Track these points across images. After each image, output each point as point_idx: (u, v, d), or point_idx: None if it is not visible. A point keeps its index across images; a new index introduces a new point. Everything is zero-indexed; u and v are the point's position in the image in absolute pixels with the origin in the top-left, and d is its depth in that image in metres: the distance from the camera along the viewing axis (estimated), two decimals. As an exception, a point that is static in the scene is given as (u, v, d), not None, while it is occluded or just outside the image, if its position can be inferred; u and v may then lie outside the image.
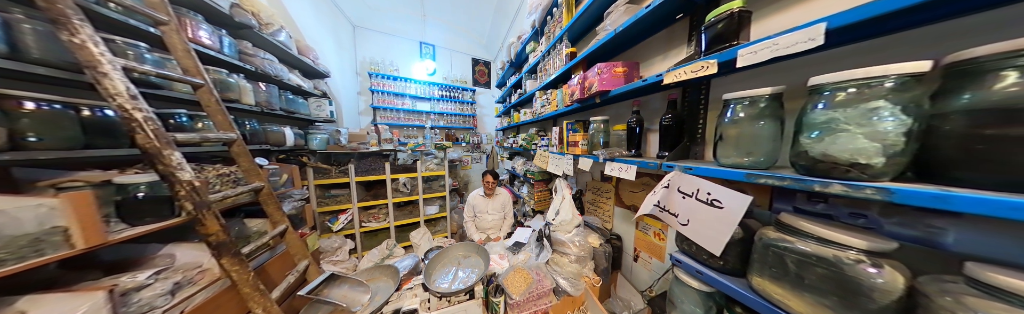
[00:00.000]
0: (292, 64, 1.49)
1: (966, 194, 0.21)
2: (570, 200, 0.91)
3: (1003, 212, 0.19)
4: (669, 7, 0.57)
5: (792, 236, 0.33)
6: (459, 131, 3.28)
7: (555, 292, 0.71)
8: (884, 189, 0.25)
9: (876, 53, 0.35)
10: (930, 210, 0.28)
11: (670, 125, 0.59)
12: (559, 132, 1.10)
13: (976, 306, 0.21)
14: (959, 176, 0.23)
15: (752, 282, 0.38)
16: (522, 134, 1.96)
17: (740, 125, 0.40)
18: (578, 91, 0.85)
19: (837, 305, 0.29)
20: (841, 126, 0.28)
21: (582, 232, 0.82)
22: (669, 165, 0.50)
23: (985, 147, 0.22)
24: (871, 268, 0.27)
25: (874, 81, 0.27)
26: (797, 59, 0.32)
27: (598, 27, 0.85)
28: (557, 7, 1.19)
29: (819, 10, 0.41)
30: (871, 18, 0.26)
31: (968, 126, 0.23)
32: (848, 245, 0.29)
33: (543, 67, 1.37)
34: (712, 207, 0.41)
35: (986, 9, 0.27)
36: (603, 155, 0.70)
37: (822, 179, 0.29)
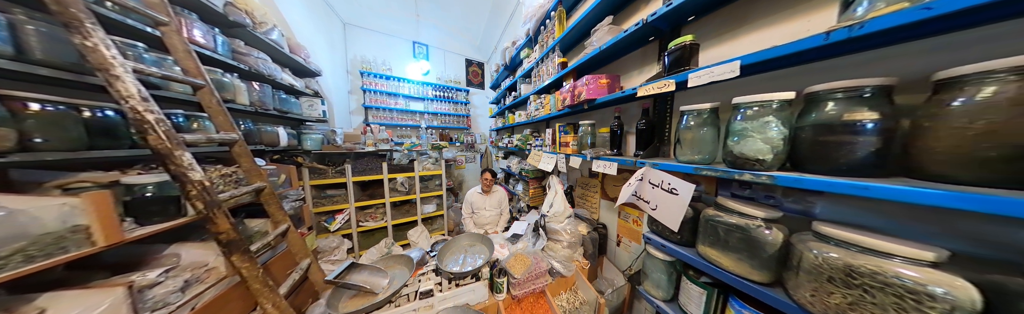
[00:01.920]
0: (284, 63, 1.48)
1: (812, 178, 0.34)
2: (562, 194, 1.03)
3: (830, 188, 0.32)
4: (643, 32, 0.70)
5: (723, 213, 0.47)
6: (453, 131, 3.31)
7: (550, 273, 0.82)
8: (771, 176, 0.37)
9: (777, 80, 0.50)
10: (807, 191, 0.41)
11: (644, 129, 0.73)
12: (552, 134, 1.22)
13: (814, 247, 0.34)
14: (810, 167, 0.37)
15: (698, 249, 0.51)
16: (517, 135, 2.06)
17: (692, 130, 0.52)
18: (569, 98, 0.96)
19: (746, 257, 0.42)
20: (749, 133, 0.41)
21: (573, 222, 0.93)
22: (642, 162, 0.63)
23: (820, 148, 0.35)
24: (766, 230, 0.41)
25: (766, 103, 0.40)
26: (729, 82, 0.45)
27: (586, 41, 0.97)
28: (549, 19, 1.31)
29: (745, 47, 0.56)
30: (763, 60, 0.39)
31: (813, 135, 0.36)
32: (753, 216, 0.42)
33: (537, 73, 1.48)
34: (671, 194, 0.54)
35: (834, 57, 0.42)
36: (590, 154, 0.82)
37: (739, 170, 0.42)
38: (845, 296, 0.31)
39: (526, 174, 1.67)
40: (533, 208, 1.43)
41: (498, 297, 0.74)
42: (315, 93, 1.77)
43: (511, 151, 2.35)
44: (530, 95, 1.53)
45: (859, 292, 0.30)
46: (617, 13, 0.91)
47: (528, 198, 1.66)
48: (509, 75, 2.24)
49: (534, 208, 1.47)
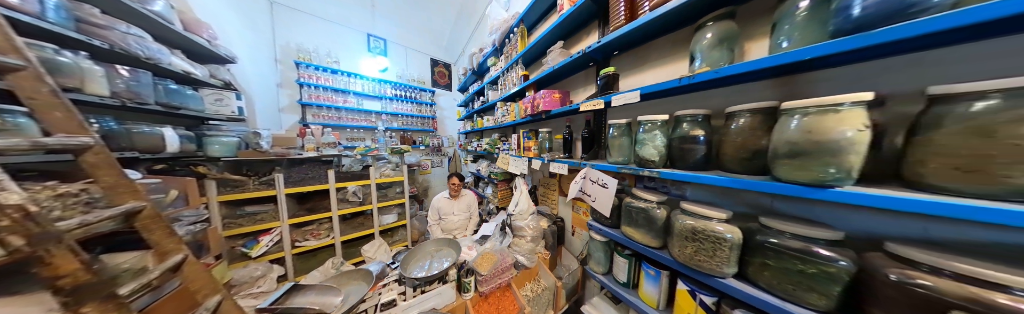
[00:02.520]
0: (174, 43, 1.12)
1: (678, 172, 0.51)
2: (527, 194, 1.13)
3: (684, 178, 0.49)
4: (583, 59, 0.87)
5: (634, 199, 0.63)
6: (417, 133, 3.11)
7: (516, 266, 0.89)
8: (658, 172, 0.55)
9: (665, 105, 0.71)
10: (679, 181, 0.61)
11: (587, 136, 0.90)
12: (517, 138, 1.33)
13: (681, 218, 0.52)
14: (678, 165, 0.56)
15: (622, 229, 0.67)
16: (486, 138, 2.11)
17: (616, 139, 0.69)
18: (530, 107, 1.09)
19: (648, 230, 0.59)
20: (646, 142, 0.58)
21: (535, 218, 1.04)
22: (584, 163, 0.78)
23: (681, 152, 0.54)
24: (657, 210, 0.58)
25: (654, 121, 0.58)
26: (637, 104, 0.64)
27: (543, 59, 1.13)
28: (513, 34, 1.44)
29: (647, 79, 0.77)
30: (653, 91, 0.57)
31: (678, 144, 0.55)
32: (650, 200, 0.59)
33: (503, 81, 1.59)
34: (603, 188, 0.69)
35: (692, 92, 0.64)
36: (547, 157, 0.95)
37: (642, 168, 0.59)
38: (693, 247, 0.48)
39: (495, 177, 1.73)
40: (502, 209, 1.49)
41: (466, 296, 0.76)
42: (226, 84, 1.41)
43: (480, 155, 2.37)
44: (497, 102, 1.62)
45: (698, 243, 0.47)
46: (567, 39, 1.10)
47: (497, 200, 1.71)
48: (477, 80, 2.30)
49: (503, 209, 1.53)
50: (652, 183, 0.74)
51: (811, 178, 0.34)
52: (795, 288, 0.38)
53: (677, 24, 0.64)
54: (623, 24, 0.67)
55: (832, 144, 0.32)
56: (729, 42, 0.50)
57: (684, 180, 0.50)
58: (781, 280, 0.39)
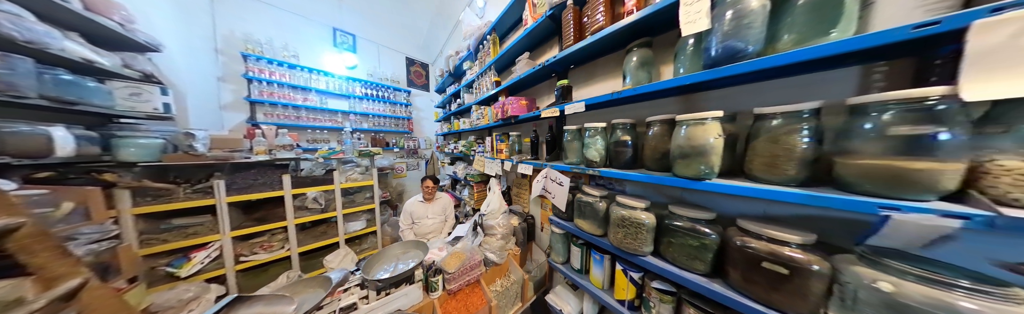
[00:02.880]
0: (69, 24, 0.93)
1: (613, 171, 0.62)
2: (499, 194, 1.18)
3: (615, 175, 0.60)
4: (545, 71, 0.97)
5: (583, 195, 0.73)
6: (391, 135, 2.96)
7: (485, 263, 0.93)
8: (599, 171, 0.65)
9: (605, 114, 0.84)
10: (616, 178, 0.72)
11: (549, 140, 0.99)
12: (491, 141, 1.38)
13: (616, 209, 0.62)
14: (615, 165, 0.67)
15: (575, 222, 0.76)
16: (462, 141, 2.12)
17: (570, 142, 0.79)
18: (500, 112, 1.16)
19: (593, 221, 0.69)
20: (590, 145, 0.68)
21: (507, 216, 1.10)
22: (545, 164, 0.86)
23: (616, 155, 0.65)
24: (600, 203, 0.68)
25: (596, 128, 0.68)
26: (585, 112, 0.74)
27: (513, 67, 1.21)
28: (486, 40, 1.51)
29: (593, 92, 0.90)
30: (595, 102, 0.67)
31: (614, 147, 0.66)
32: (594, 195, 0.70)
33: (478, 85, 1.64)
34: (560, 185, 0.78)
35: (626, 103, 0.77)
36: (516, 159, 1.02)
37: (588, 168, 0.68)
38: (623, 232, 0.58)
39: (471, 179, 1.75)
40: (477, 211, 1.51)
41: (433, 296, 0.77)
42: (147, 76, 1.20)
43: (457, 157, 2.37)
44: (473, 105, 1.66)
45: (626, 229, 0.58)
46: (533, 50, 1.20)
47: (473, 202, 1.73)
48: (454, 82, 2.30)
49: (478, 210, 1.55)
50: (600, 180, 0.85)
51: (693, 173, 0.46)
52: (687, 258, 0.50)
53: (613, 48, 0.76)
54: (573, 43, 0.77)
55: (702, 148, 0.44)
56: (648, 66, 0.63)
57: (619, 177, 0.61)
58: (679, 253, 0.51)
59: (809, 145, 0.37)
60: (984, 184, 0.26)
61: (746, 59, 0.40)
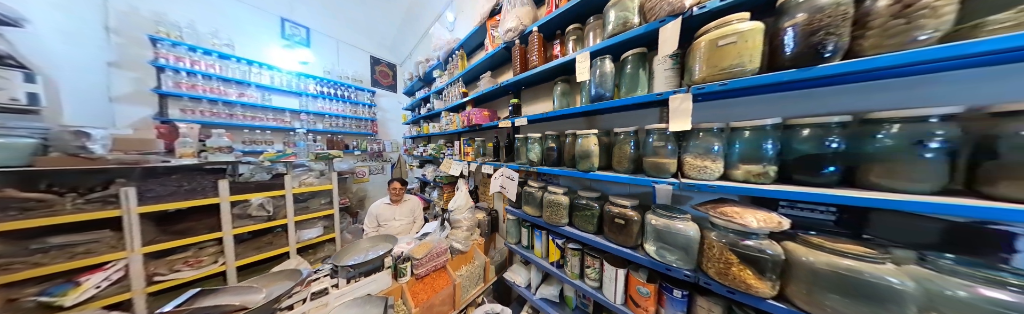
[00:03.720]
0: None
1: (545, 168, 0.87)
2: (466, 192, 1.34)
3: (546, 171, 0.85)
4: (502, 90, 1.21)
5: (528, 188, 0.96)
6: (351, 137, 2.80)
7: (451, 251, 1.07)
8: (537, 169, 0.89)
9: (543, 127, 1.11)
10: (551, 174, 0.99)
11: (508, 145, 1.22)
12: (459, 145, 1.54)
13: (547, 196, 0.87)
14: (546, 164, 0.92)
15: (523, 209, 0.99)
16: (432, 144, 2.20)
17: (520, 147, 1.02)
18: (467, 120, 1.34)
19: (534, 206, 0.92)
20: (531, 149, 0.93)
21: (472, 211, 1.26)
22: (502, 164, 1.08)
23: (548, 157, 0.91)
24: (538, 193, 0.92)
25: (534, 137, 0.93)
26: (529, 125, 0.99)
27: (478, 82, 1.41)
28: (454, 54, 1.68)
29: (536, 109, 1.17)
30: (535, 118, 0.92)
31: (547, 151, 0.91)
32: (535, 186, 0.94)
33: (447, 94, 1.79)
34: (512, 180, 1.00)
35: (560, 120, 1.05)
36: (481, 160, 1.21)
37: (531, 166, 0.92)
38: (550, 211, 0.83)
39: (441, 181, 1.85)
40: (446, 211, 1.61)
41: (402, 280, 0.88)
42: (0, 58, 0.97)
43: (427, 160, 2.42)
44: (442, 111, 1.79)
45: (552, 209, 0.83)
46: (494, 70, 1.43)
47: (443, 202, 1.82)
48: (425, 87, 2.38)
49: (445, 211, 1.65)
50: (541, 176, 1.11)
51: (585, 168, 0.73)
52: (585, 223, 0.76)
53: (548, 78, 1.04)
54: (519, 72, 1.03)
55: (588, 152, 0.71)
56: (567, 95, 0.91)
57: (549, 172, 0.86)
58: (582, 221, 0.77)
59: (633, 151, 0.66)
60: (685, 170, 0.57)
61: (605, 99, 0.70)
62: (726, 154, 0.51)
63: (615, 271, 0.67)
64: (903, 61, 0.33)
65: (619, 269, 0.66)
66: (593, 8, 0.79)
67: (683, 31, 0.53)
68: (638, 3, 0.64)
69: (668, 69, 0.59)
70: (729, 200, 0.54)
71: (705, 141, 0.53)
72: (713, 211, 0.50)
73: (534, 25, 0.93)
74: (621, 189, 0.84)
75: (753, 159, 0.47)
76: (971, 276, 0.30)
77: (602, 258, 0.73)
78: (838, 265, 0.36)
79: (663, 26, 0.55)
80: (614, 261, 0.69)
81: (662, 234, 0.57)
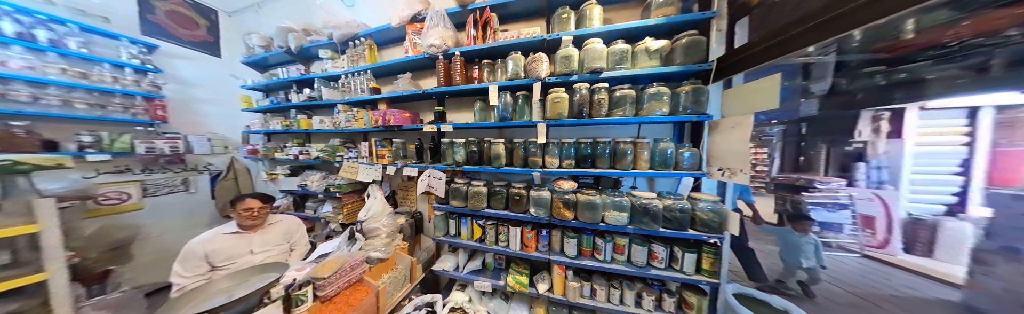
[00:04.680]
0: None
1: (469, 167, 1.18)
2: (382, 199, 1.34)
3: (471, 169, 1.18)
4: (427, 95, 1.37)
5: (456, 184, 1.23)
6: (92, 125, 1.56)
7: (368, 262, 1.08)
8: (462, 168, 1.17)
9: (467, 133, 1.43)
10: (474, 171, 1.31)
11: (433, 147, 1.39)
12: (369, 146, 1.46)
13: (470, 188, 1.18)
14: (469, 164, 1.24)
15: (450, 203, 1.25)
16: (318, 144, 1.80)
17: (447, 150, 1.25)
18: (381, 120, 1.35)
19: (461, 199, 1.25)
20: (457, 152, 1.20)
21: (392, 217, 1.30)
22: (428, 166, 1.25)
23: (471, 157, 1.22)
24: (463, 187, 1.23)
25: (462, 142, 1.22)
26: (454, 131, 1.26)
27: (396, 80, 1.44)
28: (360, 42, 1.55)
29: (463, 117, 1.46)
30: (458, 127, 1.20)
31: (468, 153, 1.23)
32: (461, 183, 1.23)
33: (347, 84, 1.60)
34: (439, 180, 1.21)
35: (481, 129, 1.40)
36: (401, 163, 1.28)
37: (457, 166, 1.19)
38: (474, 200, 1.18)
39: (337, 190, 1.58)
40: (350, 224, 1.41)
41: (300, 309, 0.80)
42: None
43: (307, 165, 1.90)
44: (339, 103, 1.56)
45: (475, 197, 1.17)
46: (415, 72, 1.52)
47: (342, 216, 1.58)
48: (296, 62, 1.86)
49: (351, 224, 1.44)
50: (467, 174, 1.41)
51: (497, 165, 1.12)
52: (497, 204, 1.18)
53: (468, 94, 1.36)
54: (444, 85, 1.26)
55: (499, 154, 1.11)
56: (485, 111, 1.27)
57: (473, 171, 1.17)
58: (495, 203, 1.19)
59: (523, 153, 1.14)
60: (545, 164, 1.11)
61: (508, 120, 1.14)
62: (559, 155, 1.09)
63: (515, 230, 1.12)
64: (606, 121, 1.01)
65: (517, 228, 1.12)
66: (499, 53, 1.21)
67: (543, 87, 1.06)
68: (523, 64, 1.13)
69: (537, 108, 1.11)
70: (562, 178, 1.13)
71: (552, 148, 1.08)
72: (555, 184, 1.05)
73: (457, 50, 1.22)
74: (516, 178, 1.33)
75: (568, 157, 1.07)
76: (616, 194, 0.99)
77: (508, 224, 1.16)
78: (586, 200, 0.98)
79: (533, 83, 1.06)
80: (515, 224, 1.14)
81: (537, 200, 1.08)
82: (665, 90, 0.94)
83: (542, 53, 1.08)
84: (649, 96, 0.96)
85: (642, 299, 1.00)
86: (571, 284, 1.05)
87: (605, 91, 1.00)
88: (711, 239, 0.89)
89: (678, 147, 0.97)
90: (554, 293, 1.09)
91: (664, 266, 0.96)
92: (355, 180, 1.55)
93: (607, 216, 0.99)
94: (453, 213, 1.31)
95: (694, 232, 0.89)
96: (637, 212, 0.95)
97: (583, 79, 1.04)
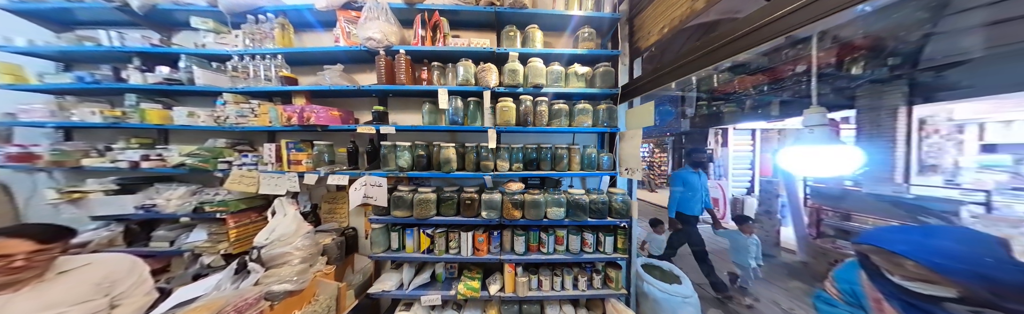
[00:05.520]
0: None
1: (416, 173, 1.10)
2: (295, 215, 1.08)
3: (420, 175, 1.11)
4: (365, 93, 1.21)
5: (399, 192, 1.12)
6: None
7: (269, 298, 0.84)
8: (407, 174, 1.09)
9: (412, 136, 1.35)
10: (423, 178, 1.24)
11: (370, 151, 1.23)
12: (276, 150, 1.17)
13: (416, 196, 1.11)
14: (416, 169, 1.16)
15: (392, 214, 1.13)
16: (184, 146, 1.30)
17: (388, 154, 1.13)
18: (297, 117, 1.11)
19: (404, 208, 1.14)
20: (401, 156, 1.11)
21: (310, 237, 1.06)
22: (364, 173, 1.11)
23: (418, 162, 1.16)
24: (408, 195, 1.14)
25: (403, 145, 1.14)
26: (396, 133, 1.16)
27: (321, 72, 1.22)
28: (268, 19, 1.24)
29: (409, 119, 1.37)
30: (402, 129, 1.12)
31: (414, 158, 1.15)
32: (405, 190, 1.14)
33: (243, 68, 1.25)
34: (379, 187, 1.08)
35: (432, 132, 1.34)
36: (326, 170, 1.08)
37: (400, 172, 1.09)
38: (420, 208, 1.12)
39: (219, 208, 1.17)
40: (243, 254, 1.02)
41: None
42: None
43: (156, 176, 1.33)
44: (224, 92, 1.19)
45: (422, 205, 1.12)
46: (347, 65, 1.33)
47: (229, 243, 1.17)
48: (149, 31, 1.33)
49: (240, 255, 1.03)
50: (413, 180, 1.32)
51: (447, 171, 1.10)
52: (448, 210, 1.16)
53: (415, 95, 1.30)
54: (387, 83, 1.16)
55: (449, 158, 1.10)
56: (434, 113, 1.23)
57: (419, 177, 1.11)
58: (446, 209, 1.15)
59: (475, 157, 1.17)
60: (496, 168, 1.17)
61: (459, 124, 1.15)
62: (510, 159, 1.18)
63: (467, 235, 1.12)
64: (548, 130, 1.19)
65: (468, 233, 1.12)
66: (451, 57, 1.23)
67: (492, 96, 1.14)
68: (474, 71, 1.18)
69: (489, 114, 1.18)
70: (512, 180, 1.22)
71: (502, 153, 1.16)
72: (505, 186, 1.13)
73: (403, 47, 1.16)
74: (469, 182, 1.34)
75: (517, 160, 1.17)
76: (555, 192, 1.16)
77: (459, 230, 1.15)
78: (531, 199, 1.10)
79: (483, 91, 1.12)
80: (467, 229, 1.14)
81: (488, 203, 1.12)
82: (589, 106, 1.21)
83: (492, 64, 1.17)
84: (578, 110, 1.20)
85: (578, 281, 1.18)
86: (520, 280, 1.13)
87: (545, 104, 1.19)
88: (622, 223, 1.16)
89: (600, 152, 1.23)
90: (506, 292, 1.15)
91: (593, 250, 1.18)
92: (252, 194, 1.19)
93: (549, 212, 1.13)
94: (396, 224, 1.19)
95: (611, 219, 1.15)
96: (572, 206, 1.13)
97: (528, 92, 1.19)
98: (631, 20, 1.24)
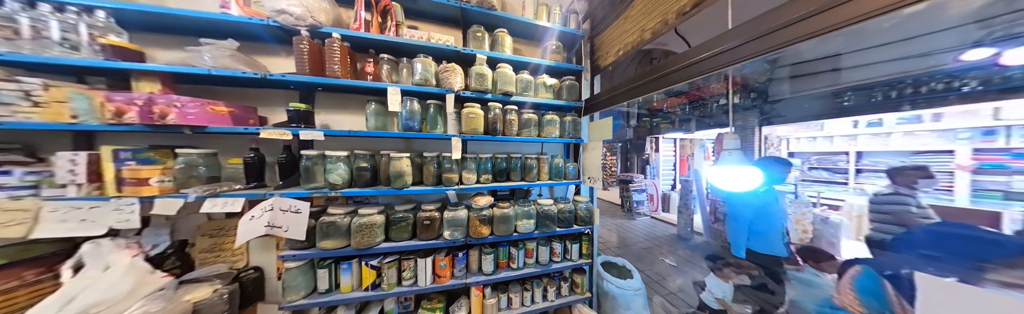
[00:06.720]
0: None
1: (356, 190, 0.87)
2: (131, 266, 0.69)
3: (361, 193, 0.87)
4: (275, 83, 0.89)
5: (328, 216, 0.87)
6: None
7: None
8: (341, 193, 0.84)
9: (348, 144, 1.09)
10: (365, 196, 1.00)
11: (284, 163, 0.92)
12: (95, 163, 0.73)
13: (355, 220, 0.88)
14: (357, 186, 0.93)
15: (319, 246, 0.86)
16: None
17: (313, 166, 0.86)
18: (142, 113, 0.72)
19: (337, 237, 0.89)
20: (333, 169, 0.85)
21: (167, 295, 0.70)
22: (271, 194, 0.80)
23: (359, 177, 0.92)
24: (343, 219, 0.88)
25: (335, 156, 0.88)
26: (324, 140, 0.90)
27: (190, 46, 0.83)
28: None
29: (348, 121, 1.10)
30: (336, 134, 0.86)
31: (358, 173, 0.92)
32: (340, 213, 0.88)
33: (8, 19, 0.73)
34: (297, 213, 0.81)
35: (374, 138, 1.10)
36: (197, 193, 0.74)
37: (331, 191, 0.84)
38: (362, 235, 0.89)
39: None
40: None
41: None
42: None
43: None
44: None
45: (363, 232, 0.89)
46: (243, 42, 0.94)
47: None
48: None
49: None
50: (352, 199, 1.07)
51: (400, 185, 0.91)
52: (400, 233, 0.96)
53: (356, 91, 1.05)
54: (312, 73, 0.89)
55: (402, 171, 0.91)
56: (383, 115, 1.02)
57: (361, 195, 0.89)
58: (398, 232, 0.96)
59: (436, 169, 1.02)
60: (462, 180, 1.06)
61: (414, 131, 0.97)
62: (477, 170, 1.08)
63: (425, 261, 0.96)
64: (519, 139, 1.12)
65: (426, 258, 0.97)
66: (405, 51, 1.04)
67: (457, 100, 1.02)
68: (434, 70, 1.03)
69: (453, 120, 1.05)
70: (480, 193, 1.13)
71: (469, 163, 1.05)
72: (472, 200, 1.03)
73: (338, 31, 0.92)
74: (427, 198, 1.18)
75: (486, 171, 1.09)
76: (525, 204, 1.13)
77: (414, 257, 0.97)
78: (500, 213, 1.03)
79: (447, 94, 1.00)
80: (424, 254, 0.98)
81: (452, 221, 0.99)
82: (557, 117, 1.23)
83: (456, 64, 1.05)
84: (547, 121, 1.22)
85: (547, 292, 1.18)
86: (488, 302, 1.05)
87: (515, 112, 1.15)
88: (586, 230, 1.23)
89: (566, 162, 1.27)
90: (472, 317, 1.04)
91: (561, 259, 1.20)
92: (22, 238, 0.70)
93: (519, 225, 1.09)
94: (325, 259, 0.92)
95: (578, 227, 1.20)
96: (541, 217, 1.12)
97: (496, 99, 1.12)
98: (592, 39, 1.34)
